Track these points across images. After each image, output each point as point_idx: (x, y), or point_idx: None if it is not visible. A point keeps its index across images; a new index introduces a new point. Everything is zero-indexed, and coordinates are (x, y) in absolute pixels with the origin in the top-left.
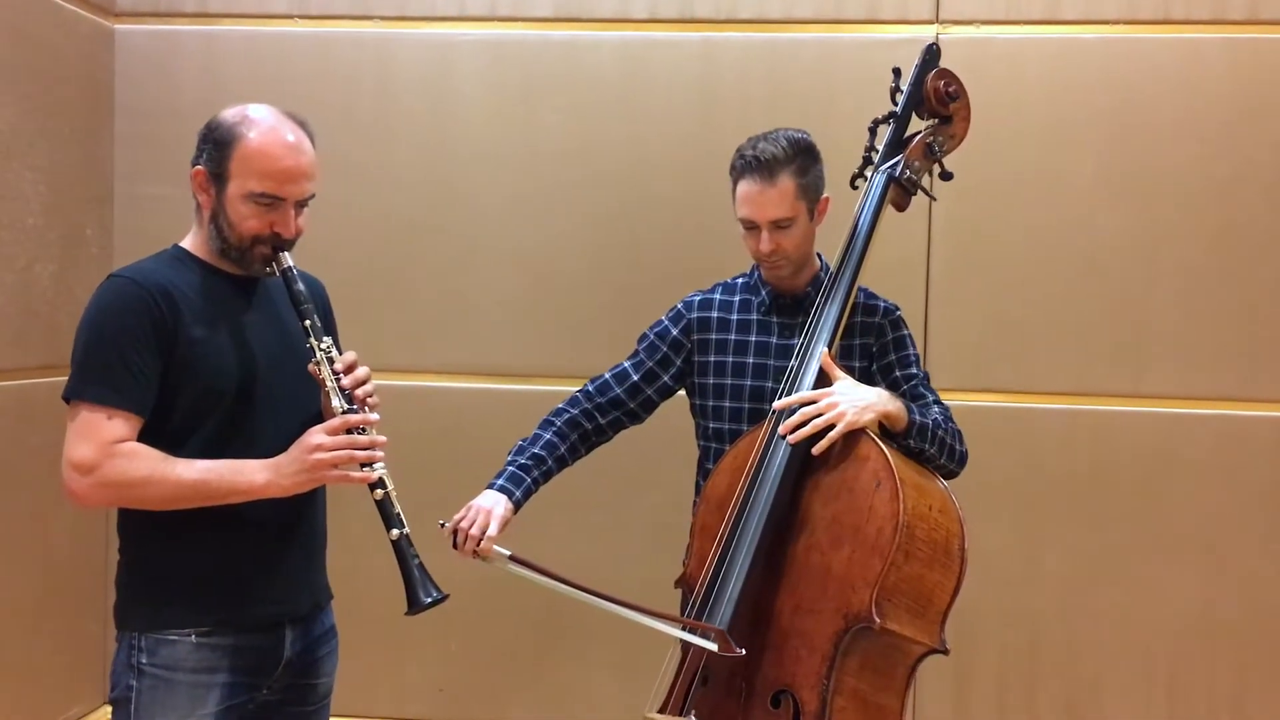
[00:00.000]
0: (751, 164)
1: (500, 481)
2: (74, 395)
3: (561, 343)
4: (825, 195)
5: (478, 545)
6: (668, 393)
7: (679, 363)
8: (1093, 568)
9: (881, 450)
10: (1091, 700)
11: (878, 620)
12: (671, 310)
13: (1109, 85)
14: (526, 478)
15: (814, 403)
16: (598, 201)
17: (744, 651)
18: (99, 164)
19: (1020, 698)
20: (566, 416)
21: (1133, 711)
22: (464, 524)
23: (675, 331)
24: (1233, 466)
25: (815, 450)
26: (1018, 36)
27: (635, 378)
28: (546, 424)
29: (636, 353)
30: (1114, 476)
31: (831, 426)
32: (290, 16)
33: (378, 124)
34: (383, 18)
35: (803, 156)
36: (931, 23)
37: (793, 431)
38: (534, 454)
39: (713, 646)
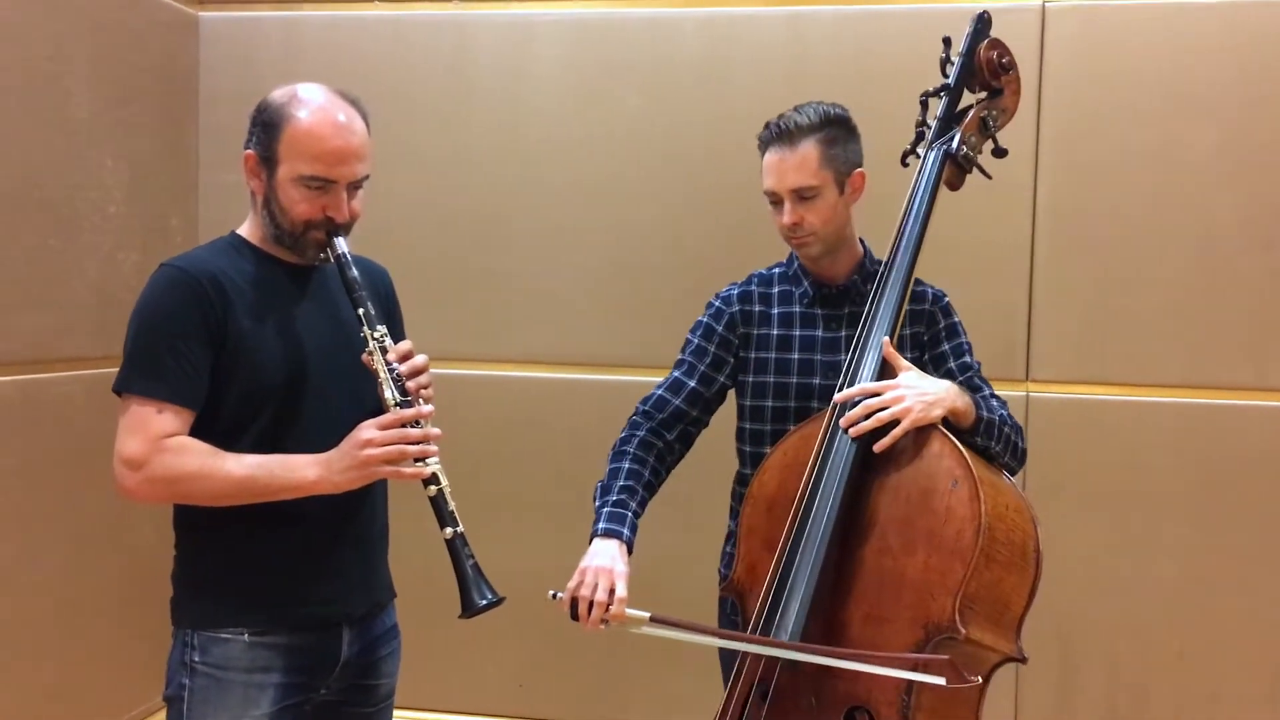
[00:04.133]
0: (774, 132)
1: (602, 525)
2: (123, 388)
3: (641, 332)
4: (860, 170)
5: (606, 612)
6: (725, 393)
7: (732, 360)
8: (1209, 573)
9: (956, 447)
10: (1208, 715)
11: (962, 630)
12: (709, 307)
13: (1229, 54)
14: (626, 512)
15: (878, 394)
16: (679, 186)
17: (980, 679)
18: (183, 153)
19: (1131, 712)
20: (636, 441)
21: None
22: (583, 591)
23: (720, 329)
24: None
25: (877, 448)
26: (1129, 3)
27: (692, 384)
28: (619, 455)
29: (683, 360)
30: (1233, 475)
31: (896, 422)
32: (370, 0)
33: (455, 108)
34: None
35: (831, 127)
36: None
37: (855, 424)
38: (624, 486)
39: (940, 681)
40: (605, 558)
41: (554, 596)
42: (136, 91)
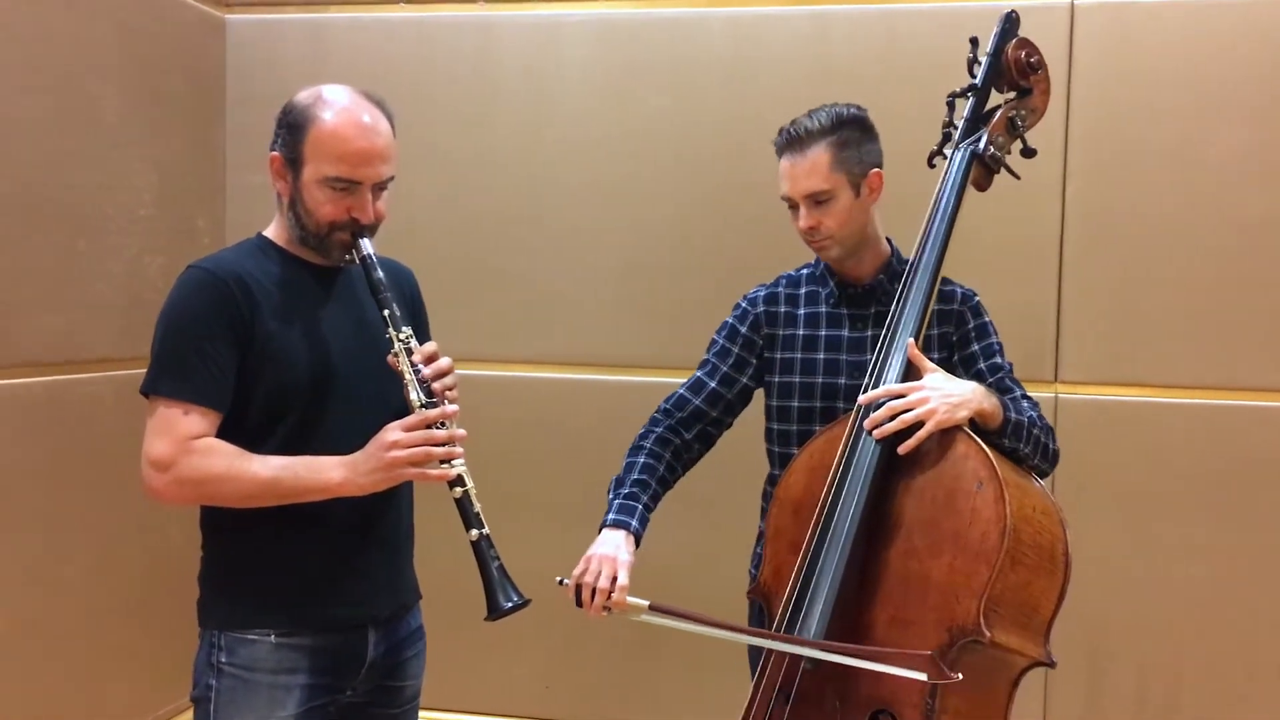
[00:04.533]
0: (785, 138)
1: (612, 516)
2: (150, 390)
3: (661, 333)
4: (876, 170)
5: (608, 599)
6: (748, 395)
7: (754, 362)
8: (1239, 574)
9: (981, 448)
10: (1238, 716)
11: (987, 633)
12: (736, 309)
13: (1259, 51)
14: (637, 504)
15: (902, 396)
16: (702, 186)
17: (960, 676)
18: (211, 155)
19: (1159, 713)
20: (653, 437)
21: None
22: (587, 578)
23: (744, 330)
24: None
25: (901, 450)
26: (1158, 0)
27: (712, 385)
28: (635, 450)
29: (707, 361)
30: (1263, 476)
31: (920, 424)
32: (395, 1)
33: (479, 109)
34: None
35: (844, 129)
36: None
37: (879, 426)
38: (636, 479)
39: (922, 677)
40: (610, 546)
41: (561, 582)
42: (164, 94)
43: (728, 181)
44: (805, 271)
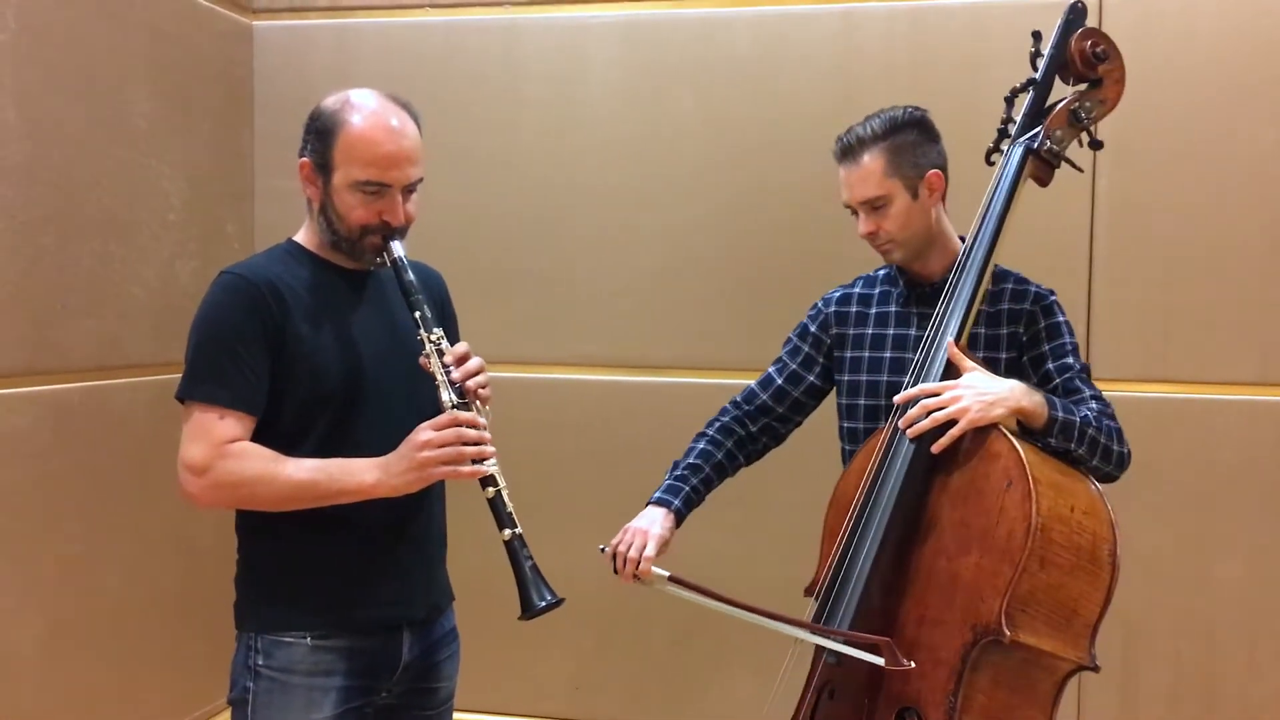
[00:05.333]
0: (841, 148)
1: (658, 494)
2: (186, 395)
3: (694, 334)
4: (935, 170)
5: (636, 569)
6: (817, 393)
7: (822, 360)
8: (1277, 572)
9: (1014, 447)
10: (1275, 716)
11: (1008, 633)
12: (811, 308)
13: None
14: (685, 486)
15: (937, 395)
16: (732, 187)
17: (912, 664)
18: (239, 160)
19: (1196, 713)
20: (718, 425)
21: None
22: (620, 547)
23: (814, 329)
24: None
25: (934, 449)
26: None
27: (779, 381)
28: (698, 437)
29: (780, 357)
30: None
31: (953, 422)
32: (420, 5)
33: (506, 111)
34: (513, 3)
35: (899, 133)
36: None
37: (913, 425)
38: (690, 464)
39: (879, 660)
40: (646, 520)
41: (602, 550)
42: (193, 100)
43: (756, 181)
44: (882, 272)
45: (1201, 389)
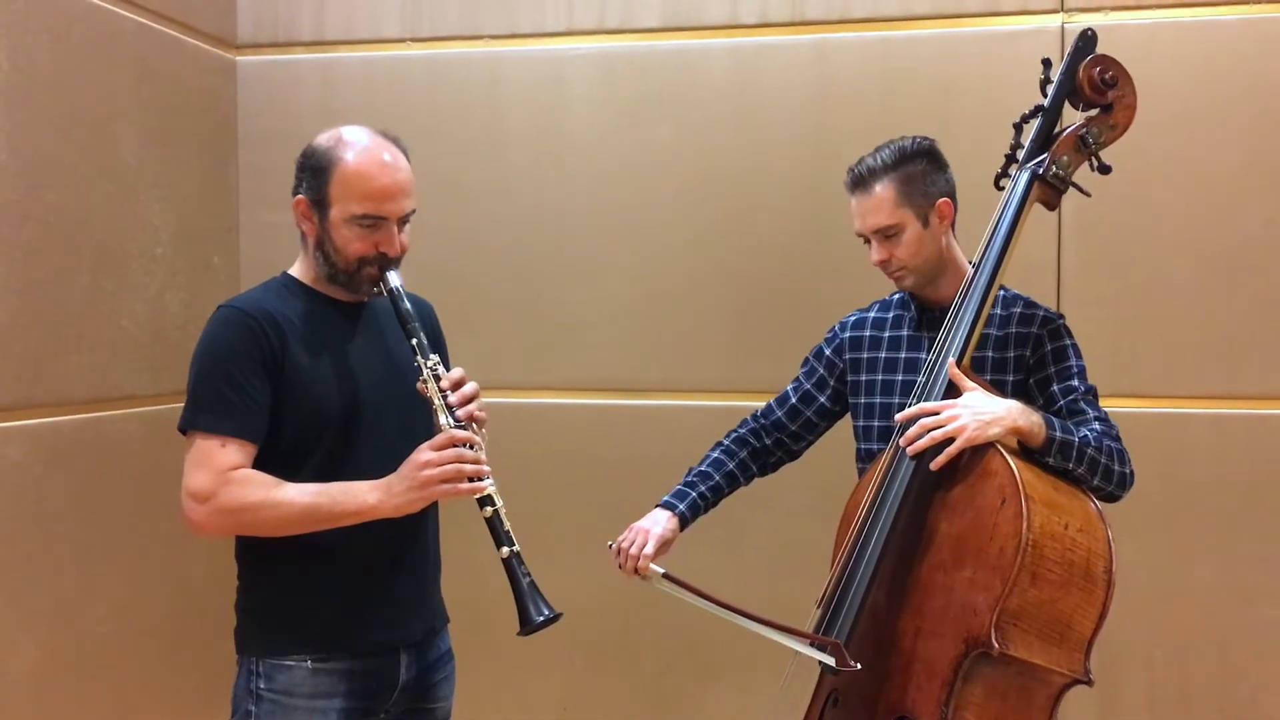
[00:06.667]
0: (852, 179)
1: (666, 498)
2: (189, 425)
3: (677, 358)
4: (944, 198)
5: (636, 564)
6: (827, 415)
7: (834, 383)
8: (1247, 582)
9: (1009, 465)
10: None
11: (997, 646)
12: (829, 331)
13: (1251, 69)
14: (692, 492)
15: (935, 414)
16: (712, 213)
17: (859, 666)
18: (225, 194)
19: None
20: (734, 436)
21: None
22: (624, 544)
23: (829, 352)
24: None
25: (933, 466)
26: (1149, 21)
27: (794, 400)
28: (714, 446)
29: (797, 376)
30: (1269, 483)
31: (951, 440)
32: (403, 40)
33: (490, 143)
34: (493, 36)
35: (909, 163)
36: (1056, 12)
37: (912, 443)
38: (700, 471)
39: (830, 660)
40: (649, 520)
41: (610, 546)
42: (179, 135)
43: (735, 207)
44: (896, 297)
45: (1170, 403)
